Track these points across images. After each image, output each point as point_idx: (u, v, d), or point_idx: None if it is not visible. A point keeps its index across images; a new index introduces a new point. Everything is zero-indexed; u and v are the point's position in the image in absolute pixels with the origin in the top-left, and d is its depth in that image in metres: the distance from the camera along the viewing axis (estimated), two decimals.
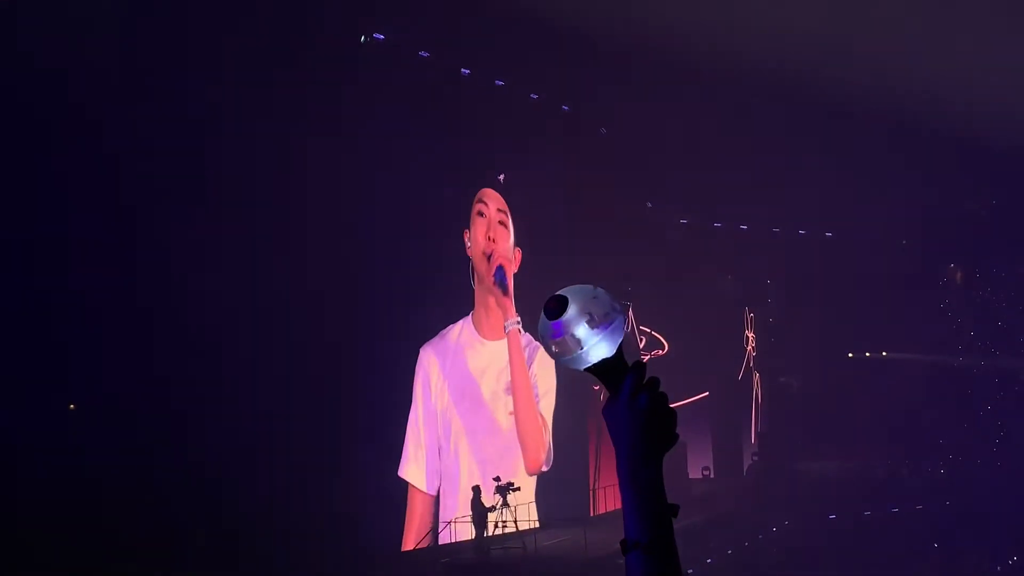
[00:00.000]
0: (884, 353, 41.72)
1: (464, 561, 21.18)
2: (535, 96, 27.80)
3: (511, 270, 27.52)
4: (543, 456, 27.43)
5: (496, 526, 22.17)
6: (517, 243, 27.47)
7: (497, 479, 23.03)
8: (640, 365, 2.09)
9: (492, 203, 27.40)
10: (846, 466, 36.64)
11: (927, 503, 32.88)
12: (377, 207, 21.88)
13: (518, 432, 26.76)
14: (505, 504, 22.27)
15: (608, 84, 27.20)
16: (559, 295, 2.05)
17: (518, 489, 23.35)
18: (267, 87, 19.41)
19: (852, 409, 37.65)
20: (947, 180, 35.52)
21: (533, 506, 24.68)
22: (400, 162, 22.48)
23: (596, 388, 27.80)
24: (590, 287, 2.07)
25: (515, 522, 22.43)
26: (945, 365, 40.41)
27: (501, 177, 27.35)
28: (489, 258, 26.88)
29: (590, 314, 2.03)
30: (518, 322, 27.46)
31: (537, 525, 24.00)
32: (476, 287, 26.55)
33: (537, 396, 27.89)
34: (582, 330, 2.02)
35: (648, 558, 2.00)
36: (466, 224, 26.65)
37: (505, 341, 27.18)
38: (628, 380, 2.07)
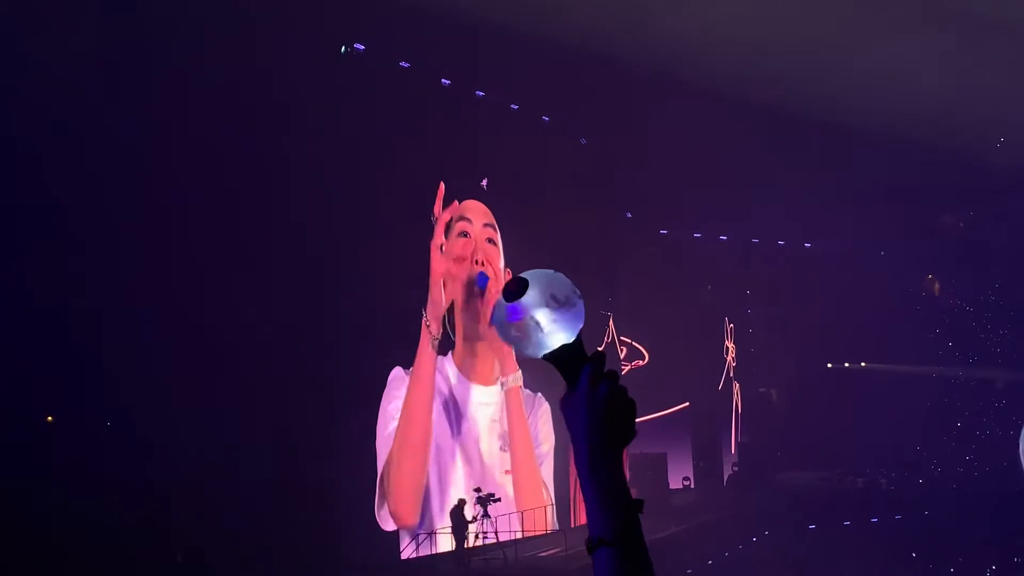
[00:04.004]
0: (863, 364, 41.87)
1: (444, 573, 21.15)
2: (515, 107, 27.75)
3: None
4: (547, 526, 25.94)
5: (476, 537, 22.12)
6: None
7: (478, 490, 22.98)
8: (600, 355, 2.04)
9: (478, 218, 25.52)
10: (825, 476, 36.73)
11: (906, 513, 32.96)
12: (353, 222, 21.66)
13: (517, 503, 25.06)
14: (485, 515, 22.23)
15: (588, 95, 27.23)
16: (519, 277, 2.01)
17: (498, 500, 23.28)
18: (245, 97, 19.31)
19: (831, 419, 37.75)
20: (924, 191, 35.73)
21: (514, 517, 24.50)
22: (381, 174, 22.37)
23: None
24: (550, 271, 2.03)
25: (495, 533, 22.37)
26: (924, 375, 40.55)
27: (484, 182, 26.30)
28: (480, 291, 24.64)
29: (551, 296, 1.98)
30: (518, 379, 25.64)
31: (518, 535, 23.91)
32: (459, 323, 24.62)
33: (540, 458, 26.76)
34: (542, 313, 1.98)
35: (615, 554, 1.96)
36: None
37: (496, 387, 25.50)
38: (586, 370, 2.01)
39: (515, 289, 1.99)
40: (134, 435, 17.08)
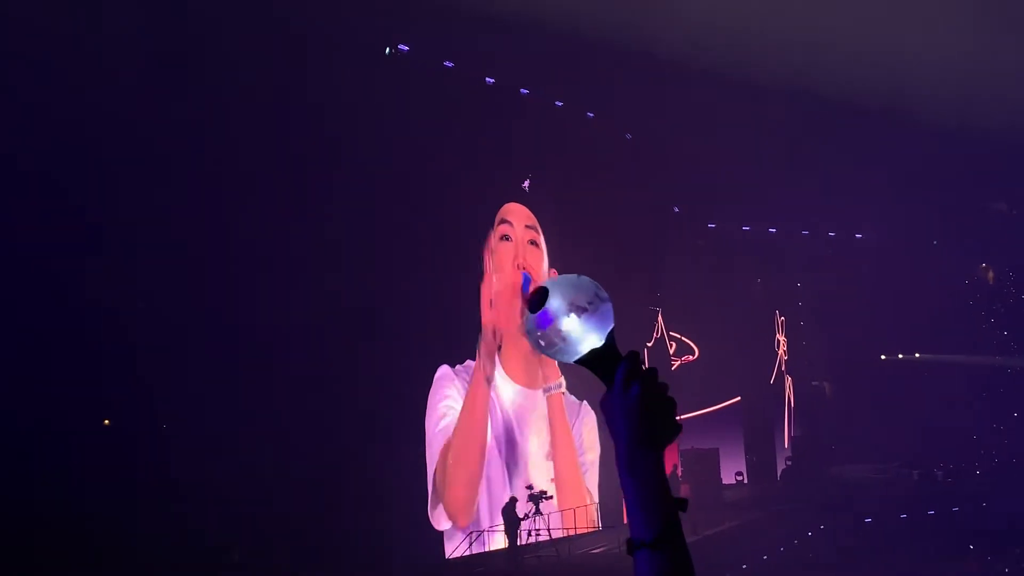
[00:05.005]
0: (917, 355, 41.41)
1: (498, 570, 21.16)
2: (560, 104, 27.71)
3: None
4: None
5: (529, 534, 22.11)
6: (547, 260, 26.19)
7: (530, 487, 22.98)
8: (633, 355, 2.00)
9: (519, 220, 25.52)
10: (881, 469, 36.35)
11: (963, 505, 32.56)
12: (396, 220, 21.67)
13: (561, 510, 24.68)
14: (537, 512, 22.23)
15: (633, 90, 27.11)
16: (540, 287, 1.98)
17: (550, 497, 23.28)
18: (288, 99, 19.43)
19: (886, 412, 37.36)
20: (977, 180, 35.28)
21: (558, 518, 24.37)
22: (427, 174, 22.40)
23: None
24: (573, 276, 2.01)
25: (548, 530, 22.37)
26: (978, 365, 40.06)
27: (526, 184, 26.27)
28: (524, 295, 23.73)
29: (573, 303, 1.96)
30: (561, 385, 25.60)
31: (577, 531, 23.87)
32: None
33: (584, 467, 26.63)
34: (566, 321, 1.96)
35: (655, 555, 1.92)
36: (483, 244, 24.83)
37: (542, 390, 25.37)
38: (620, 369, 1.97)
39: (537, 299, 1.97)
40: (177, 434, 17.32)
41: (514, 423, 24.55)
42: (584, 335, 1.97)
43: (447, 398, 22.78)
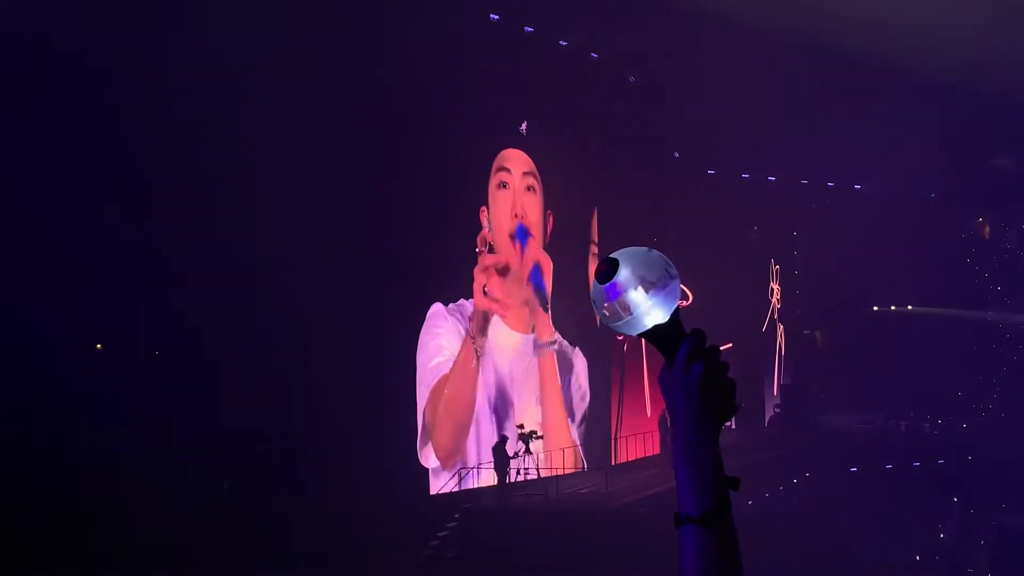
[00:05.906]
0: (909, 307, 41.54)
1: (486, 507, 21.37)
2: (564, 44, 27.46)
3: (549, 271, 25.24)
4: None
5: (518, 472, 22.31)
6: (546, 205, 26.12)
7: (520, 426, 23.14)
8: (699, 332, 2.02)
9: (517, 167, 25.35)
10: (868, 419, 36.60)
11: (948, 457, 32.85)
12: (392, 161, 21.47)
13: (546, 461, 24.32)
14: (528, 451, 22.40)
15: (637, 31, 26.86)
16: (610, 258, 1.96)
17: (541, 437, 23.45)
18: (283, 36, 19.15)
19: (875, 362, 37.56)
20: (976, 134, 35.15)
21: (559, 453, 24.61)
22: (426, 112, 22.22)
23: (620, 338, 27.72)
24: (644, 249, 1.99)
25: (537, 469, 22.55)
26: (970, 319, 40.23)
27: (523, 127, 26.00)
28: (518, 242, 24.67)
29: (642, 278, 1.95)
30: (554, 344, 25.69)
31: (561, 472, 24.05)
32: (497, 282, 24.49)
33: (573, 417, 26.71)
34: (634, 294, 1.94)
35: (701, 531, 1.93)
36: (481, 187, 24.71)
37: (530, 336, 25.40)
38: (683, 348, 1.99)
39: (606, 271, 1.95)
40: (170, 365, 17.38)
41: (505, 366, 24.63)
42: (650, 310, 1.97)
43: (438, 336, 22.83)
